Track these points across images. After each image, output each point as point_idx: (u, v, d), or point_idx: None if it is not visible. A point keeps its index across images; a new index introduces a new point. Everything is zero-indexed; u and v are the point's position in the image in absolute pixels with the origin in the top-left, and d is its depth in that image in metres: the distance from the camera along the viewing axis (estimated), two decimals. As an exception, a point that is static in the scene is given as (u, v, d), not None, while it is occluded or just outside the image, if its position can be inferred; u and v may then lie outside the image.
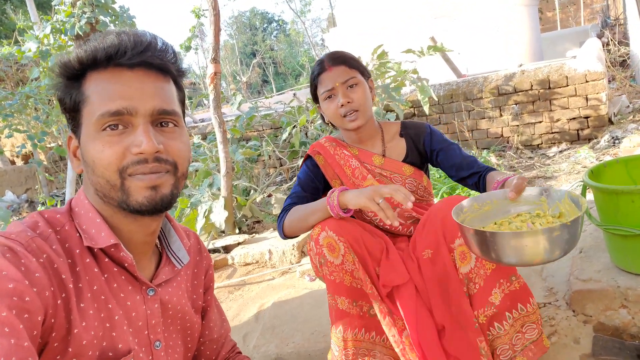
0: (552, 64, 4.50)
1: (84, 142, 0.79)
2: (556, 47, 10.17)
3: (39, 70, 4.25)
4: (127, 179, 0.77)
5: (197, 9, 3.84)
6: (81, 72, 0.79)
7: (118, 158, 0.76)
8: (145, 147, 0.76)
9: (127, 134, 0.77)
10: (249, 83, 26.44)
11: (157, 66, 0.81)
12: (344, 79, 1.45)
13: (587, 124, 4.35)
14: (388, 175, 1.52)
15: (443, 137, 1.56)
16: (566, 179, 3.41)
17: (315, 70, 1.50)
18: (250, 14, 35.98)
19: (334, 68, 1.46)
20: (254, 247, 2.85)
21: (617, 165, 1.60)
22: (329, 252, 1.28)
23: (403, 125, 1.59)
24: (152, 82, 0.80)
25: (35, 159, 5.27)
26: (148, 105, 0.78)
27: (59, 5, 4.00)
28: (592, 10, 18.73)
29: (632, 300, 1.42)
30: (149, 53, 0.79)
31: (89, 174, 0.80)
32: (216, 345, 1.07)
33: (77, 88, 0.79)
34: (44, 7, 13.25)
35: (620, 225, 1.39)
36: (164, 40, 0.84)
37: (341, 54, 1.51)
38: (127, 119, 0.77)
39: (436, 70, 6.04)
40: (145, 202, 0.78)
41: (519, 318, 1.22)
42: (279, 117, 5.04)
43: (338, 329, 1.31)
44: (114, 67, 0.78)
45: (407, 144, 1.56)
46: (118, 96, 0.77)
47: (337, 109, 1.46)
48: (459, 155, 1.50)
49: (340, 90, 1.45)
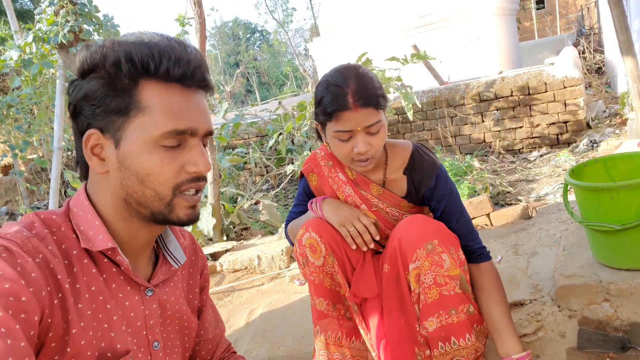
0: (531, 71, 4.63)
1: (132, 151, 0.77)
2: (534, 56, 10.44)
3: (20, 79, 4.19)
4: (177, 196, 0.80)
5: (182, 17, 3.85)
6: (134, 76, 0.77)
7: (174, 176, 0.79)
8: (202, 168, 0.80)
9: (181, 151, 0.80)
10: (233, 93, 26.41)
11: (208, 86, 0.84)
12: (369, 123, 1.21)
13: (566, 128, 4.47)
14: (384, 207, 1.40)
15: (447, 193, 1.36)
16: (547, 181, 3.50)
17: (335, 101, 1.21)
18: (233, 24, 36.05)
19: (361, 110, 1.20)
20: (242, 253, 2.84)
21: (596, 165, 1.66)
22: (311, 253, 1.31)
23: (411, 162, 1.39)
24: (205, 102, 0.84)
25: (16, 169, 5.18)
26: (205, 127, 0.82)
27: (42, 14, 3.97)
28: (568, 20, 19.26)
29: (614, 294, 1.46)
30: (206, 75, 0.82)
31: (129, 182, 0.78)
32: (211, 345, 1.08)
33: (126, 91, 0.77)
34: (24, 16, 13.07)
35: (601, 221, 1.44)
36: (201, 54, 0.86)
37: (372, 92, 1.22)
38: (185, 138, 0.80)
39: (419, 78, 6.14)
40: (185, 219, 0.83)
41: (450, 351, 1.21)
42: (264, 124, 5.06)
43: (317, 329, 1.35)
44: (176, 84, 0.79)
45: (408, 185, 1.40)
46: (184, 115, 0.79)
47: (350, 153, 1.25)
48: (454, 223, 1.35)
49: (361, 136, 1.22)
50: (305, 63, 25.17)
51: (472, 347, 1.21)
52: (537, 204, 2.80)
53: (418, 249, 1.21)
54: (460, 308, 1.20)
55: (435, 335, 1.20)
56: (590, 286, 1.50)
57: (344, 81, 1.22)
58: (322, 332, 1.34)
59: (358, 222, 1.31)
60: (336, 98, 1.20)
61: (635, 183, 1.34)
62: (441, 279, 1.19)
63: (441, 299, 1.19)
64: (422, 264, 1.20)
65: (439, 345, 1.21)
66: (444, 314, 1.20)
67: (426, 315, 1.21)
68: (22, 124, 4.50)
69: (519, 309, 1.65)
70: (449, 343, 1.20)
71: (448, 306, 1.19)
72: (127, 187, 0.79)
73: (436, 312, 1.20)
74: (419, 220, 1.27)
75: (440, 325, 1.20)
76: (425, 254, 1.20)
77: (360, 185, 1.42)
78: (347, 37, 9.11)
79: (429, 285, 1.20)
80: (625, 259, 1.47)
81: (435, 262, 1.19)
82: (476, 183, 3.30)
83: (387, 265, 1.32)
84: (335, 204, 1.37)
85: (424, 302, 1.21)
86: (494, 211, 2.66)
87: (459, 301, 1.20)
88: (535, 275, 1.81)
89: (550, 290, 1.66)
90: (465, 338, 1.20)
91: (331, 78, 1.25)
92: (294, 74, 27.08)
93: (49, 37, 3.74)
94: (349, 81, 1.22)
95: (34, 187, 4.82)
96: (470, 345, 1.20)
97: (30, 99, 4.28)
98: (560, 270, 1.62)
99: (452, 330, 1.19)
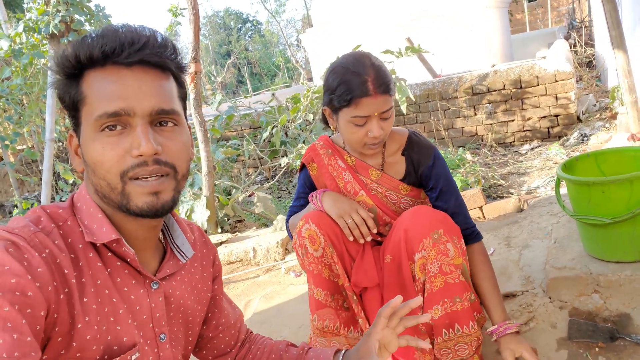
0: (523, 65, 4.66)
1: (84, 142, 0.78)
2: (526, 48, 10.47)
3: (10, 69, 4.14)
4: (128, 183, 0.76)
5: (175, 8, 3.81)
6: (78, 71, 0.77)
7: (119, 161, 0.75)
8: (144, 148, 0.75)
9: (125, 135, 0.76)
10: (224, 83, 26.22)
11: (156, 63, 0.79)
12: (385, 109, 1.28)
13: (557, 122, 4.52)
14: (383, 192, 1.44)
15: (444, 172, 1.42)
16: (538, 174, 3.54)
17: (356, 88, 1.25)
18: (225, 14, 35.67)
19: (380, 97, 1.26)
20: (237, 245, 2.86)
21: (587, 159, 1.69)
22: (310, 244, 1.33)
23: (408, 143, 1.45)
24: (150, 81, 0.78)
25: (6, 160, 5.12)
26: (146, 105, 0.76)
27: (32, 3, 3.91)
28: (559, 13, 19.34)
29: (604, 285, 1.51)
30: (147, 50, 0.77)
31: (90, 174, 0.79)
32: (234, 330, 1.09)
33: (75, 87, 0.78)
34: (12, 6, 12.81)
35: (592, 215, 1.48)
36: (163, 35, 0.82)
37: (388, 79, 1.29)
38: (125, 120, 0.76)
39: (412, 71, 6.14)
40: (145, 207, 0.77)
41: (453, 338, 1.24)
42: (258, 116, 5.05)
43: (314, 317, 1.38)
44: (111, 66, 0.76)
45: (407, 165, 1.44)
46: (116, 96, 0.75)
47: (364, 137, 1.31)
48: (452, 202, 1.40)
49: (375, 121, 1.28)
50: (297, 54, 25.05)
51: (475, 334, 1.25)
52: (528, 196, 2.84)
53: (425, 239, 1.24)
54: (464, 296, 1.24)
55: (440, 323, 1.24)
56: (581, 278, 1.54)
57: (362, 68, 1.27)
58: (319, 320, 1.37)
59: (356, 215, 1.34)
60: (357, 85, 1.25)
61: (625, 178, 1.38)
62: (446, 268, 1.23)
63: (446, 287, 1.23)
64: (428, 254, 1.24)
65: (443, 333, 1.24)
66: (449, 302, 1.23)
67: (431, 304, 1.25)
68: (13, 115, 4.44)
69: (511, 300, 1.69)
70: (452, 330, 1.24)
71: (453, 294, 1.23)
72: (92, 181, 0.80)
73: (441, 300, 1.24)
74: (424, 210, 1.31)
75: (445, 312, 1.24)
76: (432, 243, 1.23)
77: (360, 170, 1.45)
78: (340, 29, 9.07)
79: (435, 274, 1.23)
80: (614, 252, 1.52)
81: (441, 251, 1.23)
82: (468, 176, 3.34)
83: (390, 256, 1.34)
84: (335, 196, 1.40)
85: (430, 290, 1.25)
86: (487, 204, 2.70)
87: (463, 289, 1.24)
88: (527, 267, 1.85)
89: (541, 282, 1.70)
90: (468, 325, 1.24)
91: (348, 65, 1.29)
92: (286, 65, 26.92)
93: (40, 27, 3.69)
94: (367, 69, 1.27)
95: (27, 178, 4.77)
96: (473, 333, 1.25)
97: (21, 90, 4.22)
98: (552, 263, 1.66)
99: (456, 318, 1.24)
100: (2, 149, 4.49)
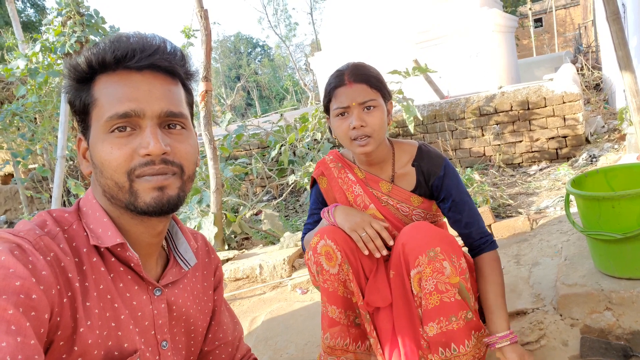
0: (530, 86, 4.68)
1: (93, 143, 0.80)
2: (533, 72, 10.56)
3: (25, 88, 4.23)
4: (135, 181, 0.78)
5: (188, 29, 3.91)
6: (90, 75, 0.80)
7: (126, 160, 0.77)
8: (152, 148, 0.76)
9: (134, 136, 0.78)
10: (234, 106, 26.56)
11: (165, 69, 0.81)
12: (363, 99, 1.31)
13: (565, 143, 4.51)
14: (395, 204, 1.43)
15: (456, 182, 1.41)
16: (547, 194, 3.52)
17: (332, 81, 1.35)
18: (235, 39, 36.42)
19: (354, 85, 1.31)
20: (244, 262, 2.85)
21: (597, 175, 1.68)
22: (327, 261, 1.31)
23: (418, 154, 1.45)
24: (160, 85, 0.81)
25: (17, 177, 5.20)
26: (156, 108, 0.79)
27: (49, 24, 4.03)
28: (566, 39, 19.52)
29: (616, 302, 1.48)
30: (157, 56, 0.80)
31: (98, 176, 0.81)
32: (231, 348, 1.06)
33: (86, 91, 0.80)
34: (29, 28, 13.21)
35: (602, 230, 1.46)
36: (173, 43, 0.85)
37: (365, 70, 1.34)
38: (135, 121, 0.78)
39: (419, 92, 6.20)
40: (152, 202, 0.78)
41: (450, 357, 1.22)
42: (266, 136, 5.10)
43: (326, 335, 1.35)
44: (122, 70, 0.79)
45: (417, 176, 1.43)
46: (126, 98, 0.77)
47: (348, 130, 1.33)
48: (465, 212, 1.39)
49: (356, 111, 1.31)
50: (305, 77, 25.39)
51: (471, 353, 1.22)
52: (537, 216, 2.82)
53: (420, 256, 1.22)
54: (459, 315, 1.21)
55: (436, 340, 1.22)
56: (592, 295, 1.51)
57: (343, 66, 1.38)
58: (332, 339, 1.34)
59: (369, 227, 1.32)
60: (334, 78, 1.36)
61: (635, 193, 1.37)
62: (442, 286, 1.21)
63: (442, 306, 1.21)
64: (423, 270, 1.22)
65: (439, 351, 1.22)
66: (444, 321, 1.21)
67: (427, 320, 1.23)
68: (26, 133, 4.53)
69: (521, 317, 1.66)
70: (449, 349, 1.21)
71: (448, 313, 1.21)
72: (99, 182, 0.81)
73: (437, 318, 1.21)
74: (423, 227, 1.28)
75: (441, 331, 1.21)
76: (427, 261, 1.21)
77: (370, 183, 1.45)
78: (348, 51, 9.22)
79: (430, 292, 1.21)
80: (626, 268, 1.49)
81: (437, 269, 1.20)
82: (477, 195, 3.32)
83: (393, 271, 1.33)
84: (347, 210, 1.38)
85: (425, 307, 1.23)
86: (496, 222, 2.68)
87: (459, 308, 1.21)
88: (537, 284, 1.83)
89: (552, 299, 1.67)
90: (464, 344, 1.21)
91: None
92: (294, 88, 27.29)
93: (56, 47, 3.79)
94: (347, 65, 1.38)
95: (38, 194, 4.82)
96: (469, 352, 1.22)
97: (35, 108, 4.31)
98: (562, 280, 1.63)
99: (452, 337, 1.21)
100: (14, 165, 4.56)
